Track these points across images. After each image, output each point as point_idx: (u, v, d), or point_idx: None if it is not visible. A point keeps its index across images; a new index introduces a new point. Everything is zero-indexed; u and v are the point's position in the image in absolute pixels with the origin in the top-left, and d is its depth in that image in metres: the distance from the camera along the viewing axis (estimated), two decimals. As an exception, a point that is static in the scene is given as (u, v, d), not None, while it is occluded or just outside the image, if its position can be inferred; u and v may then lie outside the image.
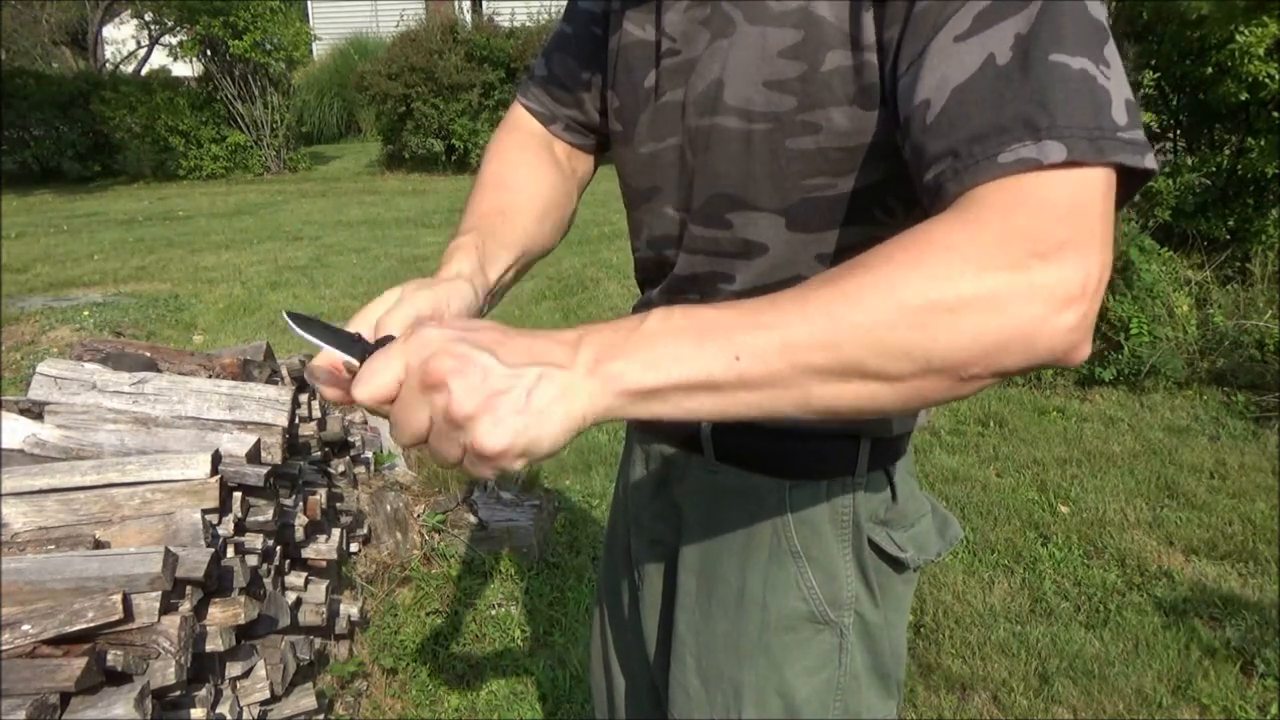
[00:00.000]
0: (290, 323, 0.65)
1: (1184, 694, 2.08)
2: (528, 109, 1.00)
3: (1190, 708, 2.04)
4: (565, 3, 1.01)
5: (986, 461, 3.31)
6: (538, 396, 0.53)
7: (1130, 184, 0.57)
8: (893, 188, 0.74)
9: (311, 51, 12.94)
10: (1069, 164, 0.53)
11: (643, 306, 0.96)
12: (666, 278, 0.90)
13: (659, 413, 0.55)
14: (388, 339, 0.63)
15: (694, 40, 0.79)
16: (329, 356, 0.65)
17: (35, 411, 1.83)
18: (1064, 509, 2.94)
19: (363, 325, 0.71)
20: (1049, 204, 0.53)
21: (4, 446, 1.74)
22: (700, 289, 0.87)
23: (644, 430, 1.01)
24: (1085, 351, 0.54)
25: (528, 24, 11.72)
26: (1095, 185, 0.54)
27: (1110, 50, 0.57)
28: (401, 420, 0.56)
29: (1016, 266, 0.52)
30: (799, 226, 0.78)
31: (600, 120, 0.98)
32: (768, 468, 0.88)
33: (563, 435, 0.54)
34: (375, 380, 0.56)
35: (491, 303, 0.84)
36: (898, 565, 0.91)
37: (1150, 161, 0.55)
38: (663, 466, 0.98)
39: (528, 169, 0.95)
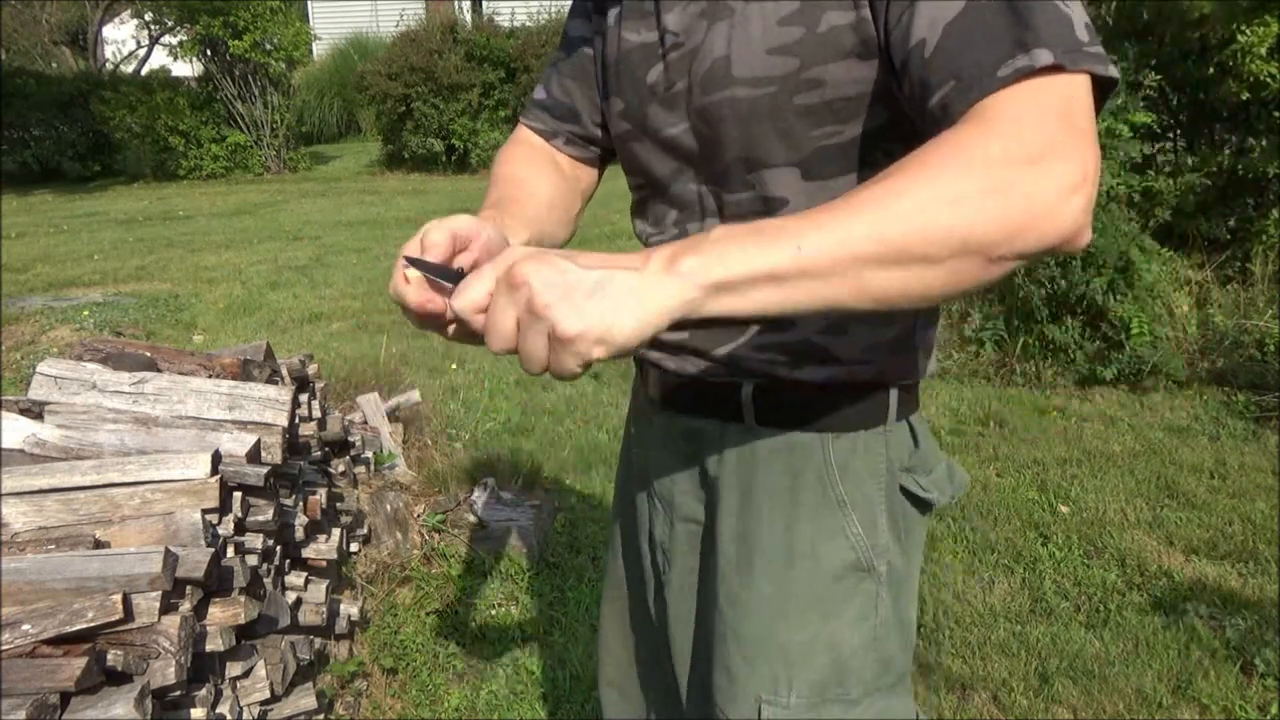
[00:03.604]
0: (405, 263, 0.76)
1: (1184, 694, 2.08)
2: (530, 128, 1.08)
3: (1190, 708, 2.04)
4: (566, 2, 1.06)
5: (986, 461, 3.31)
6: (611, 287, 0.60)
7: (1099, 94, 0.66)
8: (891, 132, 0.82)
9: (311, 51, 12.96)
10: (1056, 69, 0.63)
11: None
12: None
13: (730, 307, 0.61)
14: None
15: (694, 31, 0.86)
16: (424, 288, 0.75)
17: (35, 411, 1.83)
18: (1064, 509, 2.94)
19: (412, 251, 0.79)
20: (1048, 109, 0.62)
21: (4, 446, 1.74)
22: None
23: (669, 403, 1.01)
24: (1087, 237, 0.62)
25: (528, 24, 11.73)
26: (1079, 90, 0.64)
27: None
28: (492, 325, 0.63)
29: (1030, 160, 0.60)
30: (813, 175, 0.85)
31: (600, 134, 1.05)
32: (808, 424, 0.92)
33: (640, 327, 0.60)
34: (469, 292, 0.64)
35: None
36: (924, 506, 0.96)
37: (1113, 71, 0.65)
38: (692, 442, 0.99)
39: (533, 170, 1.03)
